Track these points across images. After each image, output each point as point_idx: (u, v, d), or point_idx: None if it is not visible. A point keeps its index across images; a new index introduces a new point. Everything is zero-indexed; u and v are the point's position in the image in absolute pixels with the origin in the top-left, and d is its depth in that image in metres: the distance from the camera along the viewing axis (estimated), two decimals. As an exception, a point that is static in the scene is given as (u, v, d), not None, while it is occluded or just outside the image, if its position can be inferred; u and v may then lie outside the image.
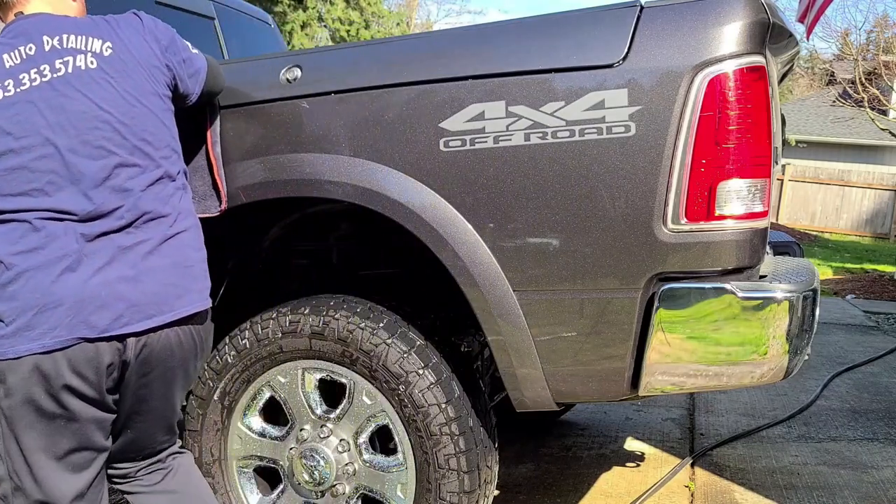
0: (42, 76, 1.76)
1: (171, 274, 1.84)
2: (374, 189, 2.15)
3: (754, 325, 1.97)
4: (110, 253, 1.76)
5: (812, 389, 4.90)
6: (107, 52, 1.81)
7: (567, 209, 2.01)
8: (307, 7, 17.44)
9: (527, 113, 2.02)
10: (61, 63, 1.78)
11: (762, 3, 1.94)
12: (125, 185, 1.78)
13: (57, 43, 1.80)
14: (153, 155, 1.83)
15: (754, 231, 1.98)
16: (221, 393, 2.45)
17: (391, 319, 2.30)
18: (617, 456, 3.77)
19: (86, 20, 1.89)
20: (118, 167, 1.78)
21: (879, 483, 3.48)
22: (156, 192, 1.83)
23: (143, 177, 1.81)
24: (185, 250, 1.88)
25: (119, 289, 1.75)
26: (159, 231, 1.83)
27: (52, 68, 1.77)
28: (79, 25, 1.85)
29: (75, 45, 1.80)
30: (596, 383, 2.12)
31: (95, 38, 1.82)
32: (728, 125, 1.92)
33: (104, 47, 1.82)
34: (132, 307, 1.76)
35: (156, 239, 1.82)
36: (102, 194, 1.76)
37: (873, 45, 21.49)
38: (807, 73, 28.94)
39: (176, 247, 1.86)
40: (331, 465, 2.36)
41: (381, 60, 2.28)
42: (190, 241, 1.90)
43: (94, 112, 1.77)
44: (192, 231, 1.92)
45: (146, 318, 1.79)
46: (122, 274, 1.75)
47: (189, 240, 1.90)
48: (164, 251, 1.83)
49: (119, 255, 1.76)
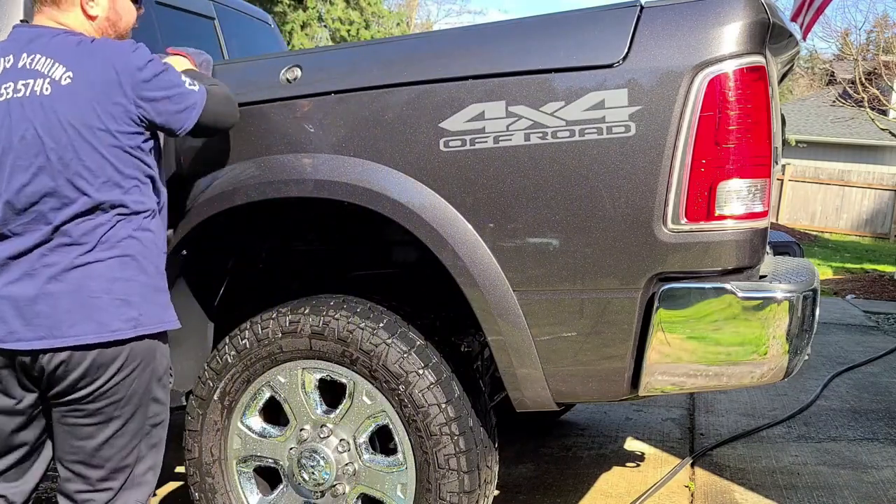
0: (5, 93, 1.83)
1: (69, 301, 1.84)
2: (375, 189, 2.15)
3: (754, 325, 1.97)
4: (21, 271, 1.84)
5: (812, 389, 4.90)
6: (64, 82, 1.82)
7: (567, 209, 2.01)
8: (307, 7, 17.44)
9: (527, 113, 2.01)
10: (23, 84, 1.83)
11: (762, 3, 1.94)
12: (47, 213, 1.83)
13: (28, 62, 1.84)
14: (85, 188, 1.83)
15: (754, 231, 1.98)
16: (221, 393, 2.45)
17: (391, 319, 2.30)
18: (617, 456, 3.77)
19: (69, 42, 1.87)
20: (46, 196, 1.82)
21: (879, 483, 3.48)
22: (78, 222, 1.84)
23: (69, 209, 1.83)
24: (93, 281, 1.85)
25: (19, 306, 1.83)
26: (68, 258, 1.84)
27: (14, 88, 1.83)
28: (55, 48, 1.85)
29: (40, 68, 1.83)
30: (596, 383, 2.12)
31: (61, 64, 1.83)
32: (728, 125, 1.92)
33: (64, 76, 1.82)
34: (26, 325, 1.83)
35: (62, 265, 1.84)
36: (27, 217, 1.83)
37: (873, 45, 21.50)
38: (807, 73, 28.94)
39: (81, 276, 1.84)
40: (331, 465, 2.36)
41: (381, 60, 2.28)
42: (103, 272, 1.86)
43: (33, 139, 1.81)
44: (111, 262, 1.87)
45: (36, 339, 1.83)
46: (25, 293, 1.83)
47: (102, 270, 1.86)
48: (68, 278, 1.84)
49: (27, 275, 1.84)
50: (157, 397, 2.01)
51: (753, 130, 1.94)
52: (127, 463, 1.96)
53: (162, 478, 3.42)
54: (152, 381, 1.97)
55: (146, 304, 1.92)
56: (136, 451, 1.98)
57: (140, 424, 1.97)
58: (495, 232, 2.08)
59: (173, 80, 1.93)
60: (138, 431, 1.97)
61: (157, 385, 1.99)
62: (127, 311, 1.88)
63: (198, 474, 2.51)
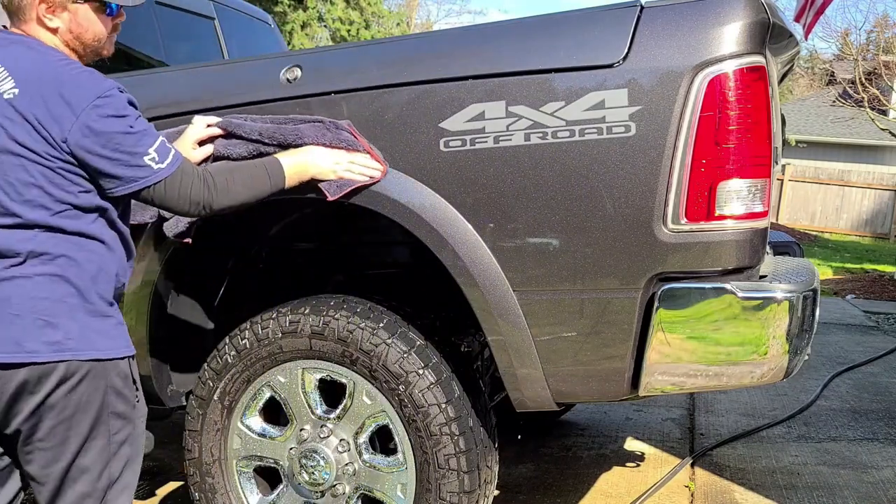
0: None
1: None
2: (375, 189, 2.15)
3: (754, 325, 1.97)
4: None
5: (812, 389, 4.90)
6: (6, 96, 1.72)
7: (567, 209, 2.01)
8: (307, 7, 17.44)
9: (527, 113, 2.01)
10: None
11: (762, 3, 1.94)
12: None
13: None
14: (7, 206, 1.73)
15: (754, 231, 1.98)
16: (221, 393, 2.45)
17: (391, 319, 2.30)
18: (617, 456, 3.77)
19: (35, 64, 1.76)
20: None
21: (879, 483, 3.48)
22: (2, 234, 1.74)
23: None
24: (17, 296, 1.74)
25: None
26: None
27: None
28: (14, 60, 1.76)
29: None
30: (596, 383, 2.12)
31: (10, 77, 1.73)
32: (728, 125, 1.92)
33: (9, 91, 1.73)
34: None
35: None
36: None
37: (873, 45, 21.51)
38: (807, 73, 28.95)
39: (2, 289, 1.74)
40: (331, 465, 2.36)
41: (381, 60, 2.28)
42: (31, 289, 1.75)
43: None
44: (40, 279, 1.76)
45: None
46: None
47: (30, 287, 1.75)
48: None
49: None
50: (118, 411, 1.87)
51: (753, 130, 1.94)
52: (98, 487, 1.86)
53: (162, 478, 3.43)
54: (108, 395, 1.84)
55: (74, 327, 1.78)
56: (107, 472, 1.86)
57: (105, 441, 1.85)
58: (495, 232, 2.08)
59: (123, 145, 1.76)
60: (104, 449, 1.85)
61: (115, 398, 1.86)
62: (49, 334, 1.75)
63: (198, 474, 2.51)
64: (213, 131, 2.21)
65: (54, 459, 1.81)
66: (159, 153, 1.80)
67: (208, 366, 2.47)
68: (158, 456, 3.51)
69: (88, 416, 1.81)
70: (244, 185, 2.00)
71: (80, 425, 1.81)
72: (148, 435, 2.52)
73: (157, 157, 1.80)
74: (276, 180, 2.06)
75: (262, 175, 2.04)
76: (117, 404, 1.86)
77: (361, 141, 2.15)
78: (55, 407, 1.77)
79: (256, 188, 2.03)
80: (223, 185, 1.94)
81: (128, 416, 1.90)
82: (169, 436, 3.30)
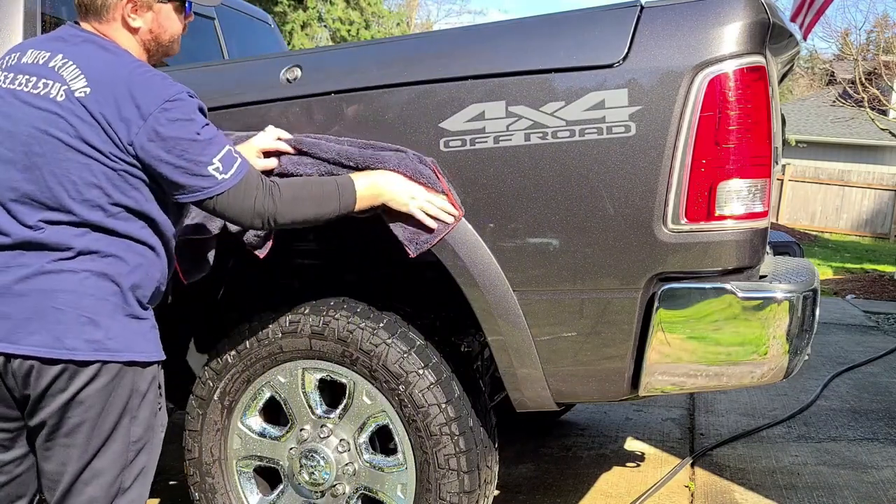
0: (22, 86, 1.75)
1: (30, 307, 1.72)
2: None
3: (754, 325, 1.97)
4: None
5: (812, 389, 4.90)
6: (79, 94, 1.72)
7: (567, 209, 2.01)
8: (307, 7, 17.45)
9: (527, 113, 2.02)
10: (45, 82, 1.73)
11: (762, 3, 1.94)
12: (21, 214, 1.73)
13: (59, 64, 1.75)
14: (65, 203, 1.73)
15: (754, 231, 1.98)
16: (221, 393, 2.45)
17: (391, 319, 2.30)
18: (617, 456, 3.77)
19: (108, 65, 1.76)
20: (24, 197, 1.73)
21: (879, 483, 3.48)
22: (56, 229, 1.73)
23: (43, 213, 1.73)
24: (63, 291, 1.73)
25: None
26: (38, 262, 1.73)
27: (33, 84, 1.74)
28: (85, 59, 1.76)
29: (64, 73, 1.74)
30: (596, 383, 2.12)
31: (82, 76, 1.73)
32: (728, 125, 1.92)
33: (82, 89, 1.72)
34: None
35: (32, 268, 1.72)
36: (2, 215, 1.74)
37: (873, 45, 21.52)
38: (807, 73, 28.95)
39: (49, 281, 1.72)
40: (331, 465, 2.36)
41: (381, 60, 2.28)
42: (77, 285, 1.73)
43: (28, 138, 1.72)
44: (87, 276, 1.74)
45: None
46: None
47: (76, 283, 1.73)
48: (34, 282, 1.72)
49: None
50: (141, 417, 1.85)
51: (753, 130, 1.94)
52: (108, 494, 1.82)
53: (162, 478, 3.43)
54: (133, 398, 1.82)
55: (115, 327, 1.77)
56: (119, 479, 1.83)
57: (123, 447, 1.82)
58: (495, 232, 2.08)
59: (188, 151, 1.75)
60: (121, 455, 1.82)
61: (140, 403, 1.84)
62: (90, 332, 1.74)
63: (198, 474, 2.51)
64: (282, 146, 2.15)
65: (72, 458, 1.79)
66: (224, 163, 1.78)
67: (208, 366, 2.47)
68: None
69: (111, 417, 1.80)
70: (312, 201, 1.96)
71: (103, 425, 1.79)
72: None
73: (221, 167, 1.77)
74: (347, 200, 2.01)
75: (333, 191, 1.99)
76: (141, 409, 1.84)
77: (442, 181, 2.07)
78: (83, 403, 1.76)
79: (325, 206, 1.98)
80: (289, 198, 1.90)
81: (149, 423, 1.88)
82: (169, 436, 3.29)
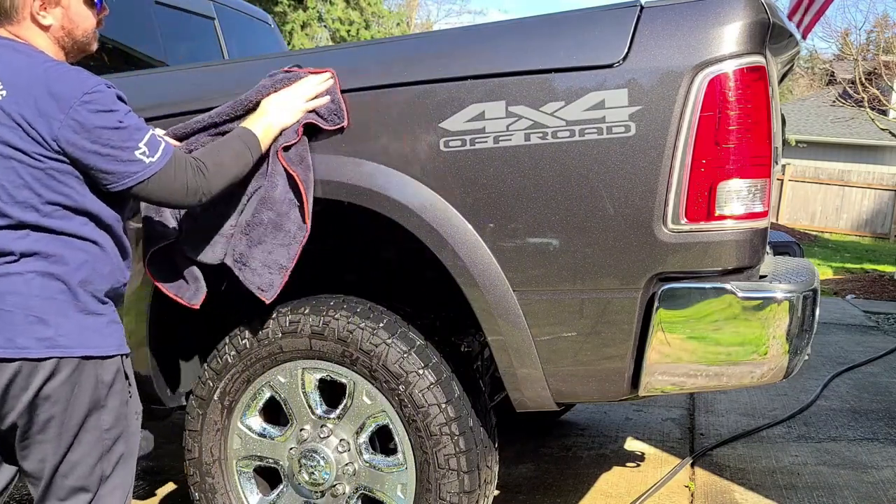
0: None
1: None
2: (375, 189, 2.15)
3: (754, 325, 1.97)
4: None
5: (812, 389, 4.90)
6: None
7: (567, 209, 2.01)
8: (307, 7, 17.44)
9: (527, 113, 2.02)
10: None
11: (762, 3, 1.94)
12: None
13: None
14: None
15: (754, 231, 1.98)
16: (221, 393, 2.45)
17: (391, 319, 2.30)
18: (617, 456, 3.77)
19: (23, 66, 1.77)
20: None
21: (879, 483, 3.48)
22: (1, 234, 1.77)
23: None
24: (10, 293, 1.77)
25: None
26: None
27: None
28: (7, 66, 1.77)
29: None
30: (596, 383, 2.12)
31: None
32: (728, 125, 1.92)
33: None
34: None
35: None
36: None
37: (873, 45, 21.51)
38: (807, 73, 28.96)
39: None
40: (331, 466, 2.36)
41: (381, 60, 2.28)
42: (22, 286, 1.77)
43: None
44: (31, 276, 1.77)
45: None
46: None
47: (21, 284, 1.77)
48: None
49: None
50: (110, 407, 1.88)
51: (753, 130, 1.94)
52: (89, 483, 1.87)
53: (162, 478, 3.43)
54: (99, 390, 1.86)
55: (67, 324, 1.80)
56: (99, 468, 1.87)
57: (97, 436, 1.86)
58: (495, 232, 2.08)
59: (113, 140, 1.77)
60: (96, 444, 1.86)
61: (107, 394, 1.88)
62: (40, 330, 1.77)
63: (198, 474, 2.51)
64: (168, 139, 2.15)
65: (48, 453, 1.83)
66: (150, 147, 1.82)
67: (208, 366, 2.47)
68: (158, 456, 3.51)
69: (79, 409, 1.83)
70: (232, 163, 2.04)
71: (72, 419, 1.83)
72: (148, 435, 2.53)
73: (147, 151, 1.81)
74: (255, 150, 2.11)
75: (242, 148, 2.08)
76: (109, 399, 1.88)
77: (295, 70, 2.20)
78: (49, 399, 1.80)
79: (242, 162, 2.07)
80: (214, 168, 1.97)
81: (120, 412, 1.91)
82: (169, 436, 3.30)
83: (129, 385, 1.96)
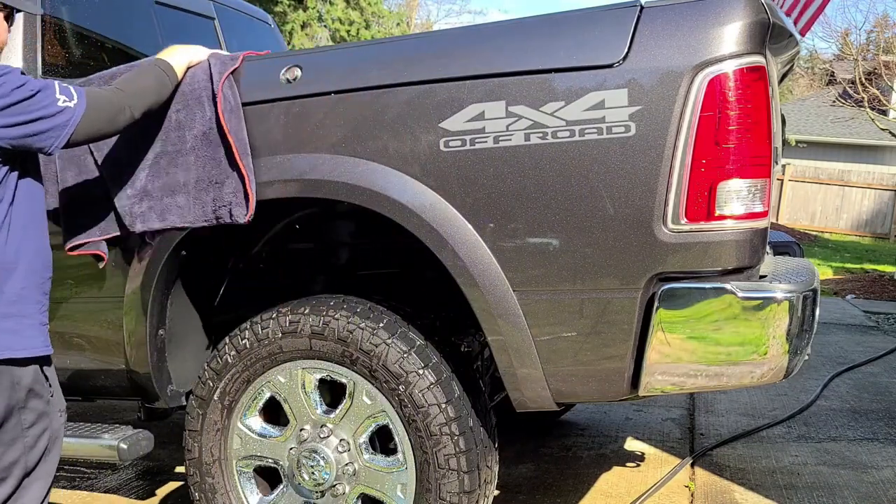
0: None
1: None
2: (375, 189, 2.15)
3: (754, 325, 1.97)
4: None
5: (812, 389, 4.90)
6: None
7: (567, 209, 2.01)
8: (307, 7, 17.45)
9: (527, 113, 2.01)
10: None
11: (762, 3, 1.94)
12: None
13: None
14: None
15: (754, 231, 1.98)
16: (221, 393, 2.45)
17: (391, 319, 2.30)
18: (617, 456, 3.77)
19: None
20: None
21: (879, 483, 3.48)
22: None
23: None
24: None
25: None
26: None
27: None
28: None
29: None
30: (596, 383, 2.12)
31: None
32: (728, 125, 1.92)
33: None
34: None
35: None
36: None
37: (873, 45, 21.51)
38: (807, 73, 28.95)
39: None
40: (331, 465, 2.36)
41: (381, 60, 2.28)
42: None
43: None
44: None
45: None
46: None
47: None
48: None
49: None
50: (30, 406, 1.98)
51: (753, 130, 1.94)
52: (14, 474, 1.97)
53: (162, 478, 3.43)
54: (17, 392, 1.94)
55: None
56: (23, 461, 1.98)
57: (17, 434, 1.96)
58: (495, 232, 2.08)
59: (34, 104, 1.86)
60: (16, 441, 1.96)
61: (25, 395, 1.96)
62: None
63: (198, 474, 2.51)
64: None
65: None
66: (65, 94, 1.92)
67: (208, 366, 2.47)
68: (158, 456, 3.51)
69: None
70: (152, 88, 2.16)
71: None
72: (147, 435, 2.53)
73: (65, 97, 1.91)
74: (173, 78, 2.24)
75: (161, 75, 2.20)
76: (28, 400, 1.97)
77: None
78: None
79: (162, 90, 2.20)
80: (134, 92, 2.09)
81: (42, 410, 2.00)
82: (169, 436, 3.30)
83: (50, 385, 2.04)
